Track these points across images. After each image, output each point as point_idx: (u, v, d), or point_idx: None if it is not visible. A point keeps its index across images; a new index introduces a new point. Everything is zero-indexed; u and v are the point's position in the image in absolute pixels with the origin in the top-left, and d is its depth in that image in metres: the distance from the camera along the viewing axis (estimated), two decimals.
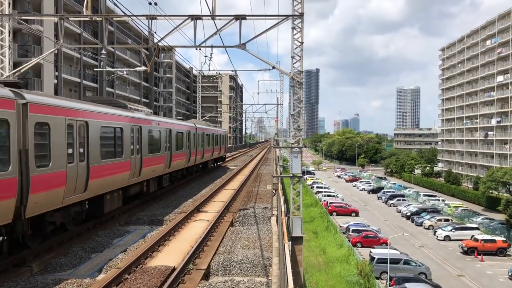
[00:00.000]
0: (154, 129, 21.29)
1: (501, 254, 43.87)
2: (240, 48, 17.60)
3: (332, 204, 64.21)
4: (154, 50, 18.38)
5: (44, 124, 11.72)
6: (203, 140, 34.38)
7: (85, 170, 13.99)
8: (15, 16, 24.61)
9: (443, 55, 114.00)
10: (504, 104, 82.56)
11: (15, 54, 37.88)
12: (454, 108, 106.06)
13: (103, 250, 13.75)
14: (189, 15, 17.19)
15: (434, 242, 49.06)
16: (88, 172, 14.12)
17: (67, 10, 49.28)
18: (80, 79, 53.21)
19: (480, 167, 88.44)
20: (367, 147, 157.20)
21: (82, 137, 13.84)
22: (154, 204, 21.53)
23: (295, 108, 18.02)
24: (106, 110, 16.01)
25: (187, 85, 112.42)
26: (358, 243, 44.58)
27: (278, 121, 75.53)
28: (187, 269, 11.65)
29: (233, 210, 20.76)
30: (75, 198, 13.45)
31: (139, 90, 75.35)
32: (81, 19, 47.08)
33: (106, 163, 15.62)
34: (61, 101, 12.92)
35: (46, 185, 11.69)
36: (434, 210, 62.42)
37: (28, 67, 19.28)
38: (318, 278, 32.41)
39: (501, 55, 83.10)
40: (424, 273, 35.67)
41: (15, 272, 11.07)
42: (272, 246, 13.95)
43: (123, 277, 10.78)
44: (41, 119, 11.55)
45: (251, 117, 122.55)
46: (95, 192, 14.90)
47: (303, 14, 17.29)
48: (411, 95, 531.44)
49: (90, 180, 14.14)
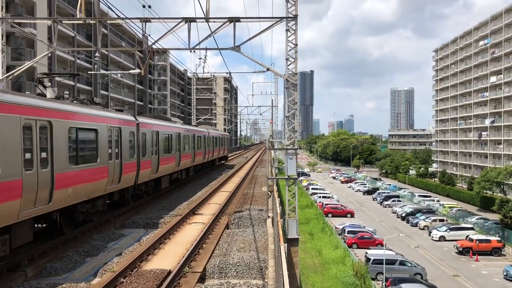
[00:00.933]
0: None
1: (496, 254, 44.06)
2: (234, 50, 17.60)
3: (328, 205, 64.23)
4: (148, 52, 18.36)
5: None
6: (214, 142, 42.05)
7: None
8: (8, 19, 24.50)
9: (436, 56, 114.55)
10: (498, 104, 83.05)
11: (8, 58, 37.67)
12: (448, 109, 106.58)
13: (98, 253, 13.68)
14: (183, 17, 17.17)
15: (429, 242, 49.20)
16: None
17: (60, 13, 49.14)
18: (74, 82, 53.03)
19: (474, 167, 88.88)
20: (362, 148, 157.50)
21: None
22: (149, 207, 21.47)
23: (289, 109, 18.03)
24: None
25: (181, 87, 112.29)
26: (353, 244, 44.62)
27: (273, 122, 75.48)
28: (183, 272, 11.62)
29: (228, 212, 20.74)
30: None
31: (133, 93, 75.20)
32: (74, 22, 46.76)
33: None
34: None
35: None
36: (429, 211, 62.60)
37: (22, 71, 19.19)
38: (314, 280, 32.42)
39: (494, 55, 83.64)
40: (419, 273, 35.76)
41: (10, 276, 10.98)
42: (267, 248, 13.93)
43: (118, 281, 10.73)
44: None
45: (246, 119, 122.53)
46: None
47: (297, 16, 17.32)
48: (405, 96, 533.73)
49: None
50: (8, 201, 10.30)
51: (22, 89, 41.94)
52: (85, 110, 14.68)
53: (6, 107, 10.31)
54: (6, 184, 10.18)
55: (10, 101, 10.54)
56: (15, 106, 10.67)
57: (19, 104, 10.81)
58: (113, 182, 16.92)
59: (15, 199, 10.51)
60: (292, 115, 18.09)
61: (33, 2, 43.56)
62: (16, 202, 10.57)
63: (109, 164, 16.37)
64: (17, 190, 10.61)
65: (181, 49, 18.61)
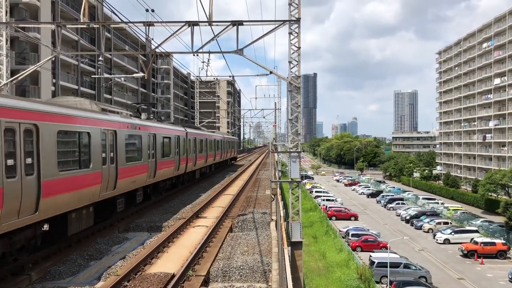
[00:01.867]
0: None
1: (501, 256, 43.84)
2: (237, 54, 17.60)
3: (331, 208, 64.13)
4: (151, 56, 18.40)
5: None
6: (227, 145, 49.68)
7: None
8: (12, 24, 24.61)
9: (440, 58, 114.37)
10: (502, 106, 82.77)
11: (13, 62, 37.89)
12: (452, 111, 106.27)
13: (102, 257, 13.68)
14: (186, 21, 17.20)
15: (433, 245, 48.99)
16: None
17: (64, 18, 49.38)
18: (78, 86, 53.22)
19: (478, 170, 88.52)
20: (365, 151, 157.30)
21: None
22: (152, 210, 21.48)
23: (293, 112, 18.00)
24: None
25: (184, 91, 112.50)
26: (357, 247, 44.49)
27: (276, 125, 75.58)
28: (187, 276, 11.60)
29: (232, 215, 20.70)
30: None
31: (137, 96, 75.40)
32: (78, 26, 46.95)
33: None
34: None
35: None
36: (434, 213, 62.41)
37: (26, 75, 19.26)
38: (318, 283, 32.33)
39: (498, 57, 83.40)
40: (424, 276, 35.58)
41: (14, 280, 10.99)
42: (271, 252, 13.90)
43: (122, 285, 10.72)
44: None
45: (249, 122, 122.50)
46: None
47: (300, 19, 17.32)
48: (409, 98, 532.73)
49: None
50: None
51: (26, 94, 42.16)
52: (163, 126, 23.78)
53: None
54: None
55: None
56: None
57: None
58: (185, 168, 27.52)
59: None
60: (295, 118, 18.06)
61: (37, 7, 43.80)
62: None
63: (175, 158, 25.03)
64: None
65: (184, 52, 18.66)
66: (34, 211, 11.17)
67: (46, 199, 11.51)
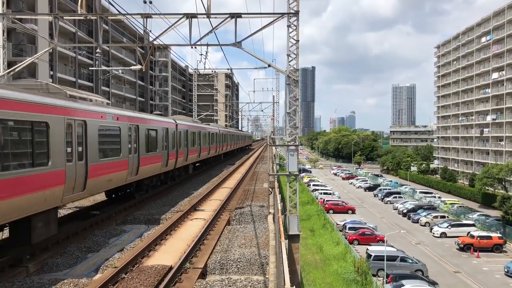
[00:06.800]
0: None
1: (497, 250, 44.07)
2: (235, 46, 17.55)
3: (329, 201, 64.25)
4: (149, 48, 18.33)
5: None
6: (244, 138, 60.82)
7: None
8: (9, 15, 24.45)
9: (438, 52, 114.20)
10: (500, 101, 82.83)
11: (9, 54, 37.68)
12: (450, 105, 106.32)
13: (99, 249, 13.70)
14: (184, 13, 17.10)
15: (430, 239, 49.20)
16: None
17: (61, 9, 49.07)
18: (75, 78, 53.00)
19: (475, 164, 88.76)
20: (363, 145, 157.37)
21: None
22: (150, 203, 21.49)
23: (291, 106, 17.98)
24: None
25: (182, 83, 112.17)
26: (354, 240, 44.65)
27: (274, 119, 75.48)
28: (184, 268, 11.63)
29: (229, 208, 20.75)
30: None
31: (134, 89, 75.16)
32: (76, 18, 46.94)
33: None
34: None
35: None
36: (430, 207, 62.60)
37: (23, 67, 19.18)
38: (315, 276, 32.43)
39: (496, 52, 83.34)
40: (420, 270, 35.77)
41: (11, 272, 11.01)
42: (268, 244, 13.93)
43: (119, 277, 10.75)
44: None
45: (247, 115, 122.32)
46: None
47: (299, 12, 17.25)
48: (407, 92, 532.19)
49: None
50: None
51: None
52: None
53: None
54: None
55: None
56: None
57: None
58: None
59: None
60: (293, 111, 18.04)
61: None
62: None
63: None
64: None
65: (182, 45, 18.58)
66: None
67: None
